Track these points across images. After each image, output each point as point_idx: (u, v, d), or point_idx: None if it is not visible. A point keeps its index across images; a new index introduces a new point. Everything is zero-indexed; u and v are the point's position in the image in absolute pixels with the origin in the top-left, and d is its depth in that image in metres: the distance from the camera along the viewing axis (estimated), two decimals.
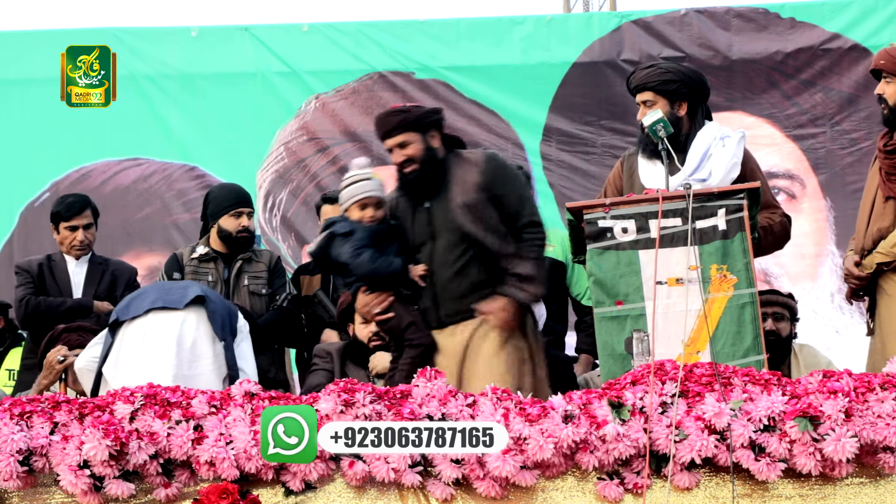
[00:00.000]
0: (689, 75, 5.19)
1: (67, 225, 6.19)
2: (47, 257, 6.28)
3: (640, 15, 8.48)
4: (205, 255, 5.91)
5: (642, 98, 5.12)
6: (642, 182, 5.04)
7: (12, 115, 8.41)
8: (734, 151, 4.92)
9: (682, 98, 5.10)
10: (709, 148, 4.96)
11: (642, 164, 5.11)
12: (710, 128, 5.07)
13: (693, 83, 5.15)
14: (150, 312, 4.71)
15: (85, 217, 6.22)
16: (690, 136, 5.03)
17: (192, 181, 8.42)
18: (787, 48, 8.33)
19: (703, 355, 4.40)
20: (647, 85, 5.11)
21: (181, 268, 5.92)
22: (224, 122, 8.43)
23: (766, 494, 3.79)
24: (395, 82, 8.51)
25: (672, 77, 5.11)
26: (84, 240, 6.20)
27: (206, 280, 5.80)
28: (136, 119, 8.37)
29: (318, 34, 8.57)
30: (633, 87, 5.19)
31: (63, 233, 6.21)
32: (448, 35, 8.55)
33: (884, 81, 4.92)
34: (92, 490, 3.73)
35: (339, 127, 8.50)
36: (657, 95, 5.08)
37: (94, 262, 6.25)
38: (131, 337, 4.66)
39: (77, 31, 8.57)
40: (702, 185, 4.83)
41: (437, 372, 3.94)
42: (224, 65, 8.52)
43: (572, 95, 8.36)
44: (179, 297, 4.75)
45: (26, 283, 6.15)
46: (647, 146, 5.05)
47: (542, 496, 3.81)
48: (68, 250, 6.22)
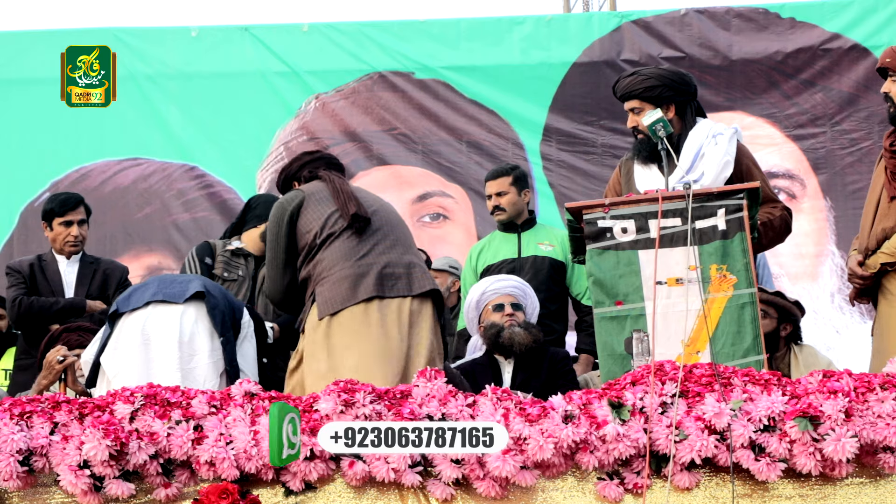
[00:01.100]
0: (672, 77, 5.13)
1: (62, 220, 6.18)
2: (38, 257, 6.26)
3: (640, 15, 8.49)
4: (239, 250, 5.91)
5: (630, 106, 5.13)
6: (638, 188, 5.03)
7: (12, 115, 8.42)
8: (726, 149, 4.93)
9: (668, 101, 5.06)
10: (701, 147, 4.97)
11: (637, 169, 5.10)
12: (702, 126, 5.06)
13: (677, 85, 5.10)
14: (149, 305, 4.71)
15: (79, 213, 6.22)
16: (683, 136, 5.02)
17: (192, 181, 8.43)
18: (787, 48, 8.34)
19: (702, 355, 4.40)
20: (633, 93, 5.11)
21: (213, 255, 5.92)
22: (224, 122, 8.44)
23: (766, 494, 3.79)
24: (395, 82, 8.52)
25: (654, 83, 5.07)
26: (78, 235, 6.18)
27: (235, 273, 5.81)
28: (136, 119, 8.38)
29: (318, 34, 8.58)
30: (618, 96, 5.20)
31: (57, 229, 6.19)
32: (448, 35, 8.56)
33: (890, 80, 4.90)
34: (92, 490, 3.73)
35: (339, 127, 8.51)
36: (643, 102, 5.05)
37: (86, 261, 6.24)
38: (130, 328, 4.66)
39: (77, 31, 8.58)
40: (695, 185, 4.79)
41: (437, 372, 3.94)
42: (224, 65, 8.53)
43: (572, 95, 8.37)
44: (180, 290, 4.74)
45: (18, 284, 6.14)
46: (641, 151, 5.04)
47: (542, 496, 3.81)
48: (61, 247, 6.19)
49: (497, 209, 6.33)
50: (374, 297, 4.78)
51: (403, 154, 8.50)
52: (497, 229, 6.44)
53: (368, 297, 4.78)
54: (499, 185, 6.33)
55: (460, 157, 8.47)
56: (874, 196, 5.03)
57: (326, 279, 4.83)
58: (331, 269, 4.84)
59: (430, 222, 8.47)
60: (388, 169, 8.53)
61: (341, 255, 4.86)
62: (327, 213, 4.92)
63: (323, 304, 4.80)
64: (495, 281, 5.68)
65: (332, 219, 4.91)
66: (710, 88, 8.32)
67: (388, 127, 8.52)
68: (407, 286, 4.85)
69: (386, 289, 4.81)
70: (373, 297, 4.78)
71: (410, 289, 4.85)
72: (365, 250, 4.88)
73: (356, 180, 8.36)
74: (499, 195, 6.32)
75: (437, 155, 8.48)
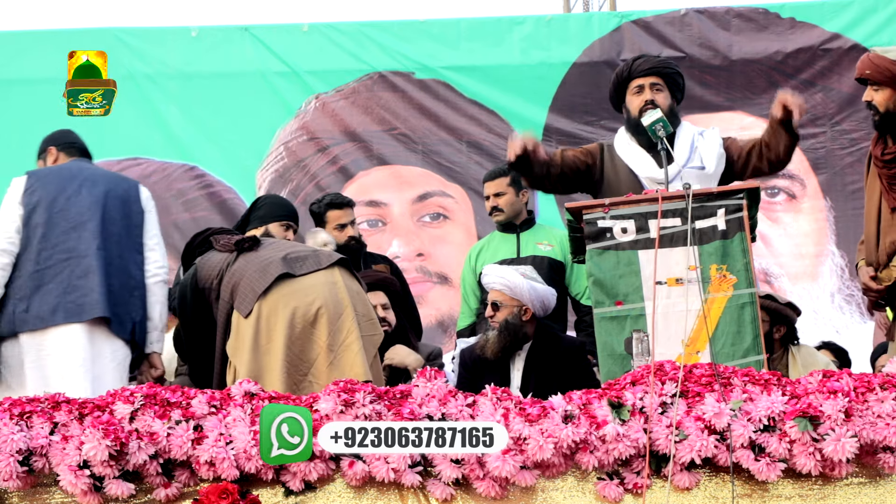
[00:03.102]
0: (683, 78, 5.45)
1: None
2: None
3: (640, 15, 8.49)
4: None
5: (649, 81, 5.23)
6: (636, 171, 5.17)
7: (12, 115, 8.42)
8: (718, 141, 5.18)
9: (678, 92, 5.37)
10: (693, 140, 5.18)
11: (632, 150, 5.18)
12: (686, 125, 5.32)
13: (684, 87, 5.43)
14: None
15: None
16: (674, 133, 5.20)
17: (192, 181, 8.43)
18: (787, 48, 8.34)
19: (702, 355, 4.40)
20: (663, 70, 5.27)
21: None
22: (224, 122, 8.44)
23: (766, 494, 3.79)
24: (395, 82, 8.52)
25: (679, 75, 5.39)
26: None
27: None
28: (136, 119, 8.38)
29: (318, 34, 8.58)
30: (641, 70, 5.27)
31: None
32: (448, 35, 8.56)
33: (870, 89, 4.87)
34: (92, 490, 3.73)
35: (339, 127, 8.51)
36: (664, 84, 5.24)
37: None
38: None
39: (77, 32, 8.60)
40: (700, 172, 5.06)
41: (437, 372, 3.94)
42: (224, 65, 8.53)
43: (572, 95, 8.37)
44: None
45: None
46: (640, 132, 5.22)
47: (542, 496, 3.81)
48: None
49: (495, 210, 6.33)
50: (284, 274, 4.79)
51: (403, 154, 8.50)
52: (496, 230, 6.45)
53: (277, 278, 4.79)
54: (496, 185, 6.33)
55: (460, 157, 8.47)
56: (873, 207, 4.95)
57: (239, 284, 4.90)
58: (242, 275, 4.89)
59: (430, 222, 8.47)
60: (388, 169, 8.53)
61: (246, 262, 4.90)
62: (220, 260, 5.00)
63: (239, 304, 4.83)
64: (485, 275, 5.55)
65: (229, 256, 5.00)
66: (710, 88, 8.32)
67: (388, 127, 8.52)
68: (316, 262, 4.89)
69: (295, 268, 4.84)
70: (282, 277, 4.79)
71: (320, 263, 4.88)
72: (263, 253, 4.95)
73: (356, 180, 8.39)
74: (497, 196, 6.32)
75: (437, 155, 8.48)
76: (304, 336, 4.71)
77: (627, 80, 5.35)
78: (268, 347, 4.70)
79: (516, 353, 5.34)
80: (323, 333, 4.71)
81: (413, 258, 8.38)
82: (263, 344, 4.70)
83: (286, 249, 4.95)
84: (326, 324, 4.72)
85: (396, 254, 8.29)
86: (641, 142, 5.23)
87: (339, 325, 4.74)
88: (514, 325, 5.31)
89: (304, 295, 4.75)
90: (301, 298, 4.75)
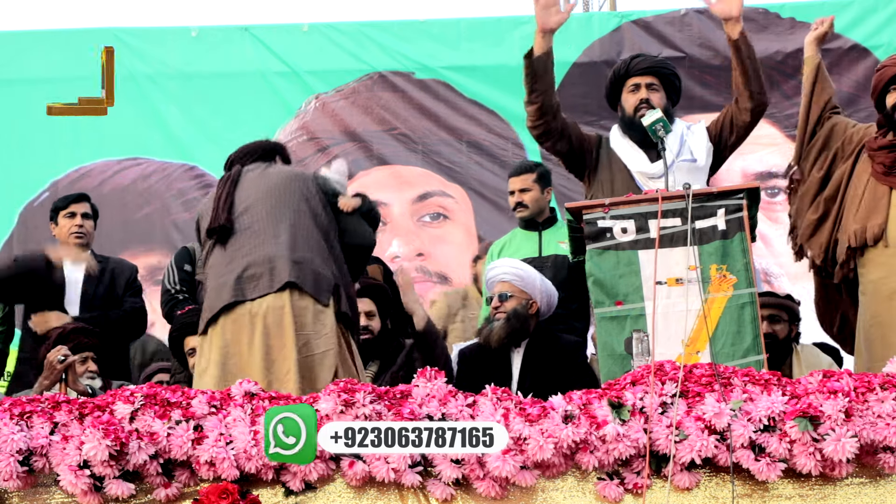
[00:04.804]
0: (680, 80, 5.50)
1: (66, 212, 6.17)
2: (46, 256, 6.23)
3: (640, 15, 8.50)
4: None
5: (646, 81, 5.25)
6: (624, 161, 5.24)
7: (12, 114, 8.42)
8: (705, 135, 5.30)
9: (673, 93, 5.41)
10: (682, 134, 5.25)
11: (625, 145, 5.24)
12: (675, 119, 5.37)
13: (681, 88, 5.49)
14: None
15: (83, 206, 6.21)
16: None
17: (192, 181, 8.44)
18: (787, 48, 8.34)
19: (702, 355, 4.40)
20: (660, 71, 5.29)
21: (193, 261, 5.90)
22: (224, 122, 8.44)
23: (766, 494, 3.79)
24: (395, 82, 8.52)
25: (675, 77, 5.42)
26: (83, 225, 6.16)
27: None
28: (136, 119, 8.39)
29: (318, 34, 8.59)
30: (639, 69, 5.28)
31: (62, 222, 6.18)
32: (448, 35, 8.56)
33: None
34: (92, 490, 3.73)
35: (339, 127, 8.52)
36: (660, 85, 5.24)
37: (94, 259, 6.21)
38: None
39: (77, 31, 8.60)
40: (691, 164, 5.16)
41: (437, 372, 3.94)
42: (224, 65, 8.54)
43: (572, 95, 8.36)
44: None
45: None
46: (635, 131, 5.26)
47: (542, 496, 3.81)
48: (66, 240, 6.16)
49: (519, 206, 6.18)
50: (235, 302, 4.60)
51: (403, 154, 8.50)
52: (518, 227, 6.35)
53: (229, 304, 4.60)
54: (522, 181, 6.20)
55: (460, 157, 8.48)
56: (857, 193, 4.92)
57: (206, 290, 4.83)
58: (208, 280, 4.82)
59: (431, 222, 8.47)
60: (388, 169, 8.53)
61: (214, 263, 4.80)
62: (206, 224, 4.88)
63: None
64: (492, 268, 5.56)
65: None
66: (710, 88, 8.32)
67: (388, 127, 8.53)
68: (269, 283, 4.62)
69: (247, 291, 4.62)
70: (234, 304, 4.61)
71: (272, 285, 4.61)
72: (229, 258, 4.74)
73: (356, 180, 8.38)
74: (522, 192, 6.17)
75: (437, 155, 8.49)
76: (238, 371, 4.52)
77: (624, 78, 5.38)
78: (204, 371, 4.63)
79: (514, 349, 5.34)
80: (258, 370, 4.53)
81: (413, 258, 8.39)
82: (203, 367, 4.64)
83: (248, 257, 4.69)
84: (262, 359, 4.54)
85: (396, 254, 8.30)
86: (634, 137, 5.30)
87: (276, 356, 4.56)
88: (522, 314, 5.32)
89: (246, 325, 4.58)
90: (240, 331, 4.59)
